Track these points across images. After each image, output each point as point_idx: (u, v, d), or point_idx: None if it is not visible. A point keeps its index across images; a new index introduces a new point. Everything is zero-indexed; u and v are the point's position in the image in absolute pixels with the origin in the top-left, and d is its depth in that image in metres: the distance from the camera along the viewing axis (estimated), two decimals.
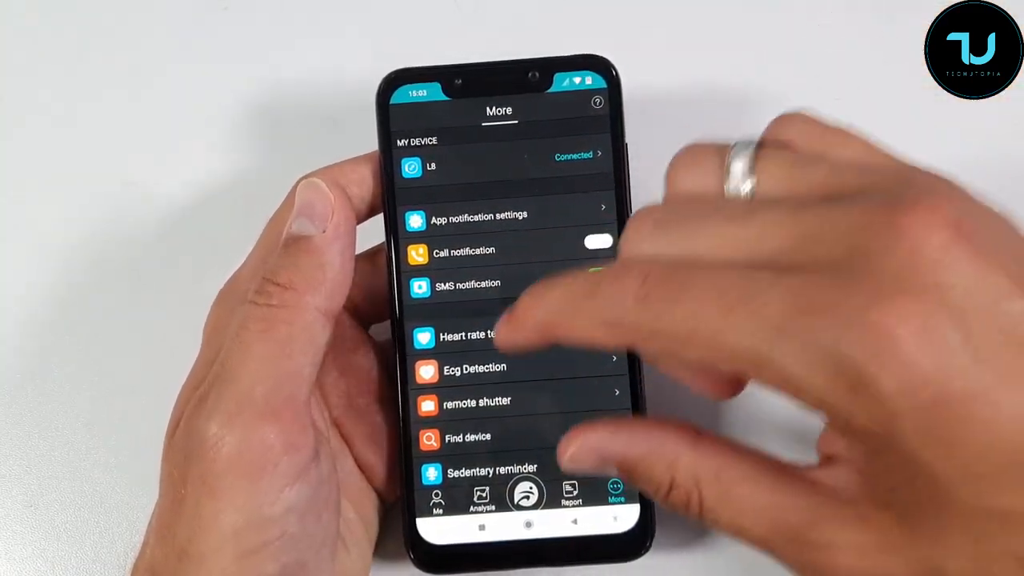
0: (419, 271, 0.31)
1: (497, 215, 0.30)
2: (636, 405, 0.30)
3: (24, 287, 0.36)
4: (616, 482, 0.30)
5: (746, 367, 0.19)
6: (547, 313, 0.21)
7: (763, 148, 0.22)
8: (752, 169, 0.21)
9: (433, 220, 0.31)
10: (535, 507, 0.30)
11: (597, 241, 0.30)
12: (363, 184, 0.30)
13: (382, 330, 0.32)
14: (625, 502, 0.30)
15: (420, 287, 0.31)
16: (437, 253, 0.31)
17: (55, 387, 0.35)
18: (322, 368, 0.28)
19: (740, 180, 0.21)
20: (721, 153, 0.22)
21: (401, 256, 0.31)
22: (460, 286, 0.30)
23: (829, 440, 0.22)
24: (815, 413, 0.19)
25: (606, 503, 0.30)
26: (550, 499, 0.30)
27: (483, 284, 0.30)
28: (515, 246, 0.30)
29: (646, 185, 0.33)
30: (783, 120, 0.22)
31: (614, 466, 0.22)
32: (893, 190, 0.19)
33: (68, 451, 0.35)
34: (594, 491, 0.30)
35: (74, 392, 0.35)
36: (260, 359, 0.26)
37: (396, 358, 0.30)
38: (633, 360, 0.30)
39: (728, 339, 0.19)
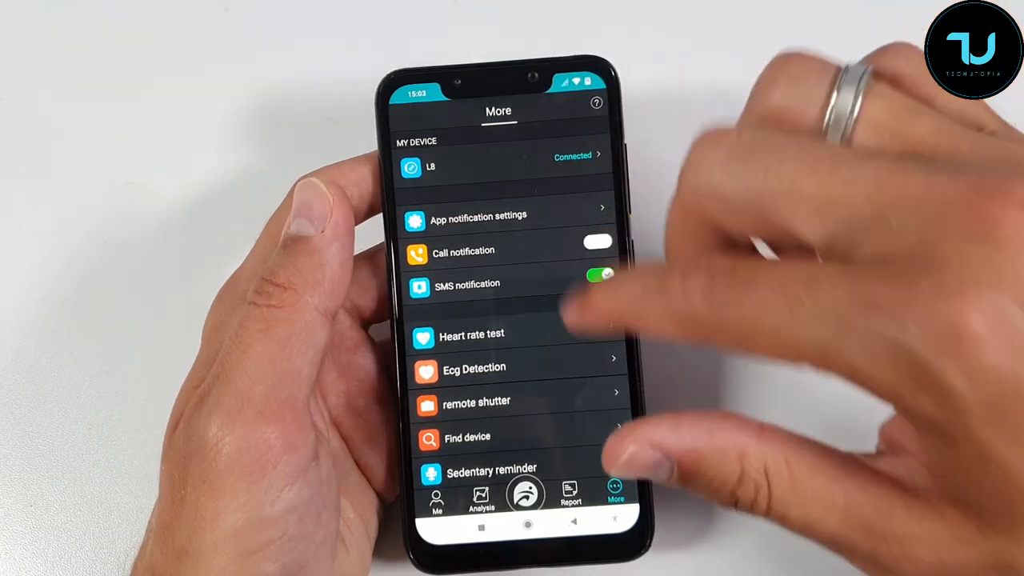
0: (418, 271, 0.31)
1: (496, 215, 0.31)
2: (636, 405, 0.30)
3: (24, 287, 0.36)
4: (616, 482, 0.30)
5: (813, 361, 0.19)
6: (619, 305, 0.21)
7: (874, 81, 0.20)
8: (858, 104, 0.20)
9: (432, 220, 0.31)
10: (534, 507, 0.30)
11: (596, 241, 0.30)
12: (362, 184, 0.30)
13: (382, 330, 0.32)
14: (625, 502, 0.30)
15: (419, 287, 0.31)
16: (436, 253, 0.31)
17: (55, 387, 0.35)
18: (321, 368, 0.28)
19: (843, 113, 0.20)
20: (828, 74, 0.20)
21: (400, 256, 0.31)
22: (459, 286, 0.31)
23: (897, 428, 0.22)
24: (886, 404, 0.19)
25: (605, 503, 0.30)
26: (549, 499, 0.30)
27: (483, 284, 0.30)
28: (514, 246, 0.30)
29: (646, 185, 0.33)
30: (896, 50, 0.21)
31: (676, 464, 0.21)
32: (992, 167, 0.18)
33: (68, 451, 0.35)
34: (593, 491, 0.30)
35: (74, 392, 0.35)
36: (259, 359, 0.26)
37: (395, 358, 0.30)
38: (633, 361, 0.30)
39: (793, 334, 0.18)
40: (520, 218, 0.30)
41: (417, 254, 0.31)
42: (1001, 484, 0.18)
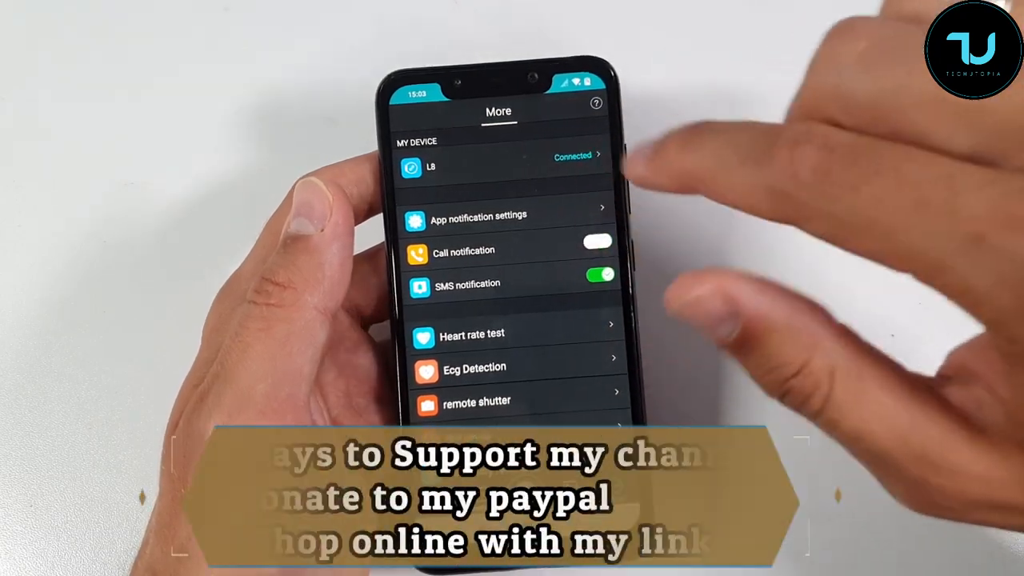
0: (419, 271, 0.31)
1: (496, 215, 0.31)
2: (636, 405, 0.30)
3: (24, 287, 0.36)
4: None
5: (920, 270, 0.17)
6: (699, 164, 0.19)
7: None
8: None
9: (433, 220, 0.31)
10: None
11: (596, 241, 0.30)
12: (362, 184, 0.30)
13: (382, 330, 0.32)
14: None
15: (420, 287, 0.31)
16: (437, 253, 0.31)
17: (55, 387, 0.35)
18: (321, 368, 0.28)
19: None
20: None
21: (401, 256, 0.31)
22: (460, 286, 0.31)
23: (976, 357, 0.20)
24: (984, 328, 0.17)
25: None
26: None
27: (483, 284, 0.30)
28: (515, 246, 0.30)
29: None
30: None
31: (742, 325, 0.19)
32: None
33: (68, 451, 0.35)
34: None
35: (74, 392, 0.35)
36: (260, 358, 0.26)
37: (396, 358, 0.30)
38: (633, 361, 0.30)
39: (910, 239, 0.16)
40: (520, 218, 0.31)
41: (417, 254, 0.31)
42: None
